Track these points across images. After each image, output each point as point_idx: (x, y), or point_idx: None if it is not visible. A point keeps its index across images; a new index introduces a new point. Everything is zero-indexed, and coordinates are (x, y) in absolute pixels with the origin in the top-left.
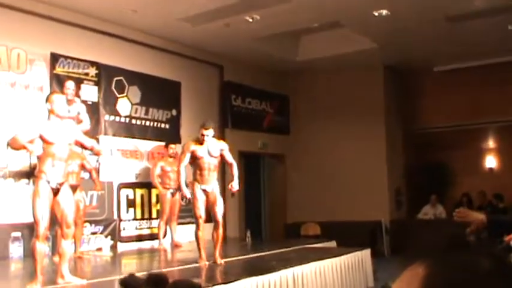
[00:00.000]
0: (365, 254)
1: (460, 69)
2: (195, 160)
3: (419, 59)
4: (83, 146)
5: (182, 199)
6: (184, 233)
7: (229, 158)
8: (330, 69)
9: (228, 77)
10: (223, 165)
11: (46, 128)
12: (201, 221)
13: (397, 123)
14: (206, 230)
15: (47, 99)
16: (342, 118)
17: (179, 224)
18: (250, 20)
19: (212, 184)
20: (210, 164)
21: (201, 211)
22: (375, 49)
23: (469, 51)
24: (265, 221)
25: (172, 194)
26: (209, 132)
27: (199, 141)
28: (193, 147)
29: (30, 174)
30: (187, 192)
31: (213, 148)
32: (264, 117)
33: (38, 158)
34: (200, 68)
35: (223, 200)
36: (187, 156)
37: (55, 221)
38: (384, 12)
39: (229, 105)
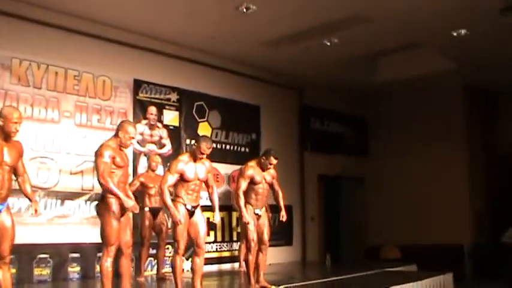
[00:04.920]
0: (447, 279)
1: None
2: (251, 184)
3: (502, 79)
4: (207, 184)
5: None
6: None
7: (277, 186)
8: (408, 91)
9: (306, 100)
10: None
11: (186, 167)
12: (253, 245)
13: (478, 145)
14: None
15: (200, 144)
16: (421, 140)
17: None
18: (328, 44)
19: (262, 208)
20: (264, 189)
21: (254, 234)
22: (454, 70)
23: None
24: (345, 244)
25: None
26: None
27: (261, 167)
28: (253, 172)
29: None
30: (248, 218)
31: (268, 174)
32: (342, 139)
33: (175, 185)
34: (279, 91)
35: (303, 223)
36: (247, 182)
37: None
38: (463, 31)
39: (308, 128)
